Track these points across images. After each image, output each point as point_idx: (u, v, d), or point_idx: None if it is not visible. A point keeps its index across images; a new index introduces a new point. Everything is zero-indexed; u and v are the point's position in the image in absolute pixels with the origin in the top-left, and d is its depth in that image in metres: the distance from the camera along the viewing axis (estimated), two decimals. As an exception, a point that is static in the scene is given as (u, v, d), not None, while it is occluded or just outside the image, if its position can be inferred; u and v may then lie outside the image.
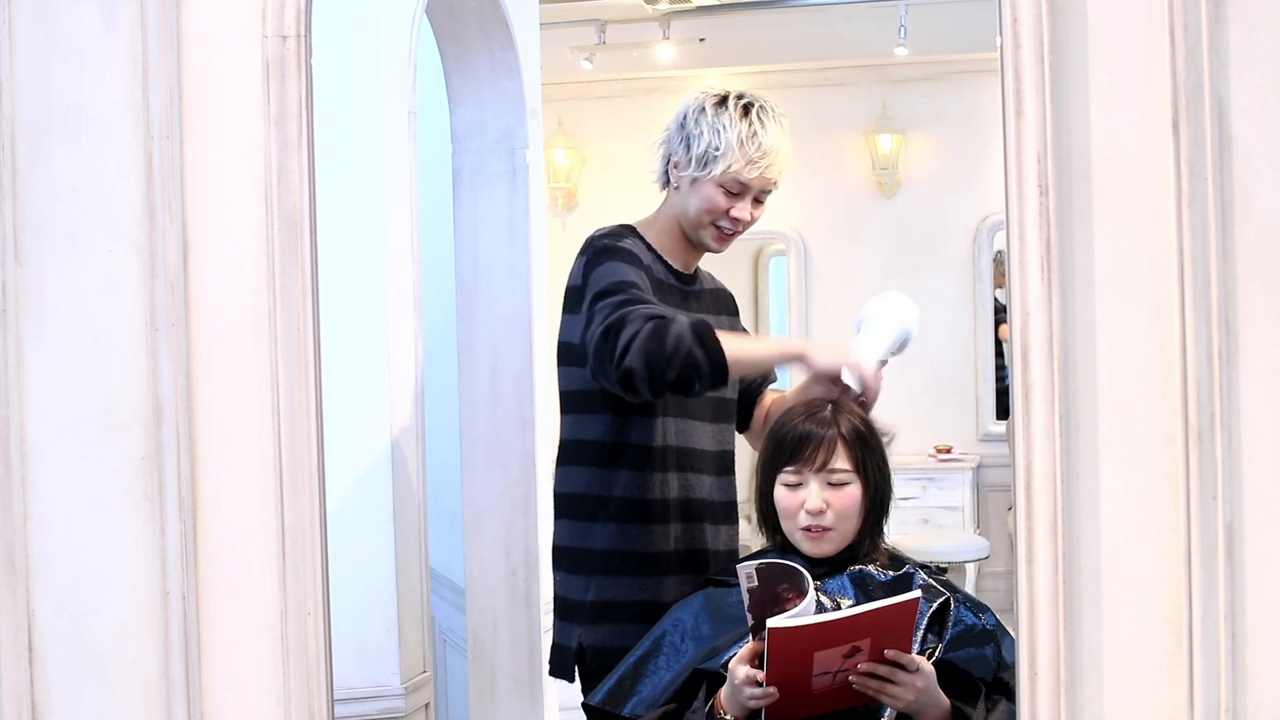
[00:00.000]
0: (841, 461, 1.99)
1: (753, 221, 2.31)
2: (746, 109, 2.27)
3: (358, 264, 2.73)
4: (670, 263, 2.34)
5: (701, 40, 6.06)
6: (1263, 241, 1.50)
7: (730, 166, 2.23)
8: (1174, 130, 1.50)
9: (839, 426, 2.01)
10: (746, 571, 1.80)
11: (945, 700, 1.86)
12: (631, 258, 2.23)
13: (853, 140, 6.80)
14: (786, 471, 2.01)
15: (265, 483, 1.69)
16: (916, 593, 1.81)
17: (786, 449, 2.01)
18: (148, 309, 1.69)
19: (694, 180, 2.27)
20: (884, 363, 2.24)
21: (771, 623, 1.74)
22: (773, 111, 2.30)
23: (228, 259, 1.70)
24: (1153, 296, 1.52)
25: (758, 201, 2.29)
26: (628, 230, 2.34)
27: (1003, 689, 1.94)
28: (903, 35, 5.74)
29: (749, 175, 2.24)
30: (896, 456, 2.09)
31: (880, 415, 2.17)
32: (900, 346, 2.26)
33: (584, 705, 2.15)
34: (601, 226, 2.36)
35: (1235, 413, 1.50)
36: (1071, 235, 1.54)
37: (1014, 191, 1.54)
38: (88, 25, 1.70)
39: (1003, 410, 6.63)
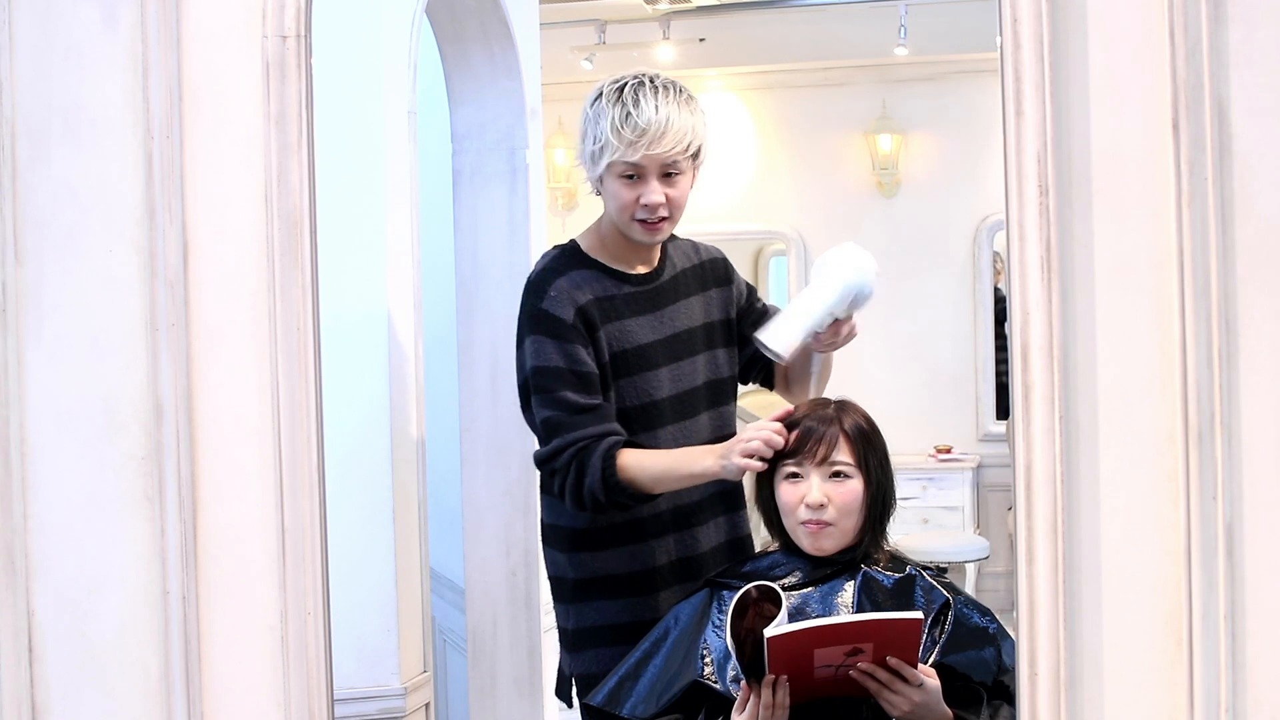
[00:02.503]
0: (843, 455, 1.99)
1: (673, 202, 2.18)
2: (619, 92, 2.15)
3: (358, 264, 2.73)
4: (622, 269, 2.27)
5: (701, 40, 6.06)
6: (1263, 241, 1.50)
7: (614, 155, 2.14)
8: (1174, 130, 1.50)
9: (841, 422, 2.01)
10: (730, 647, 1.84)
11: (947, 712, 1.86)
12: (555, 326, 2.18)
13: (853, 140, 6.80)
14: (787, 464, 2.01)
15: (265, 483, 1.69)
16: (919, 614, 1.81)
17: (788, 444, 2.02)
18: (148, 309, 1.69)
19: (600, 180, 2.20)
20: (844, 319, 2.18)
21: (768, 632, 1.75)
22: (654, 87, 2.15)
23: (228, 259, 1.70)
24: (1153, 296, 1.52)
25: (668, 179, 2.17)
26: (562, 258, 2.26)
27: (1003, 693, 1.94)
28: (903, 35, 5.73)
29: (633, 157, 2.13)
30: (897, 456, 2.09)
31: (882, 415, 2.17)
32: (851, 303, 2.17)
33: (584, 705, 2.15)
34: (540, 258, 2.30)
35: (1235, 413, 1.50)
36: (1071, 235, 1.54)
37: (1014, 191, 1.54)
38: (88, 25, 1.70)
39: (1003, 410, 6.63)
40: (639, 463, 2.14)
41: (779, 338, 2.16)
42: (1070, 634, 1.54)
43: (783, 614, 1.79)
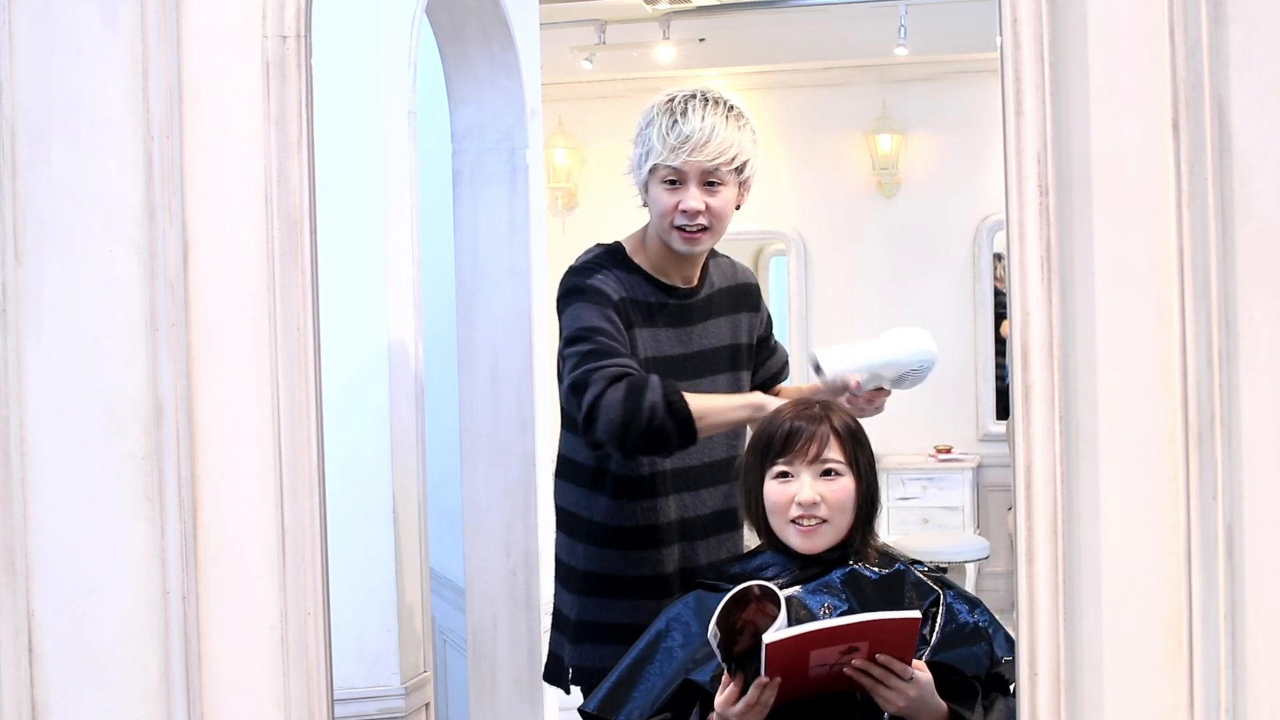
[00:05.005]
0: (834, 453, 1.99)
1: (713, 212, 2.23)
2: (671, 102, 2.24)
3: (358, 264, 2.73)
4: (663, 279, 2.31)
5: (701, 40, 6.06)
6: (1263, 241, 1.50)
7: (657, 159, 2.22)
8: (1174, 130, 1.50)
9: (830, 421, 2.01)
10: (711, 632, 1.82)
11: (942, 705, 1.86)
12: (598, 296, 2.21)
13: (853, 140, 6.80)
14: (778, 464, 2.00)
15: (265, 483, 1.69)
16: (916, 613, 1.81)
17: (777, 443, 2.01)
18: (148, 309, 1.69)
19: (645, 188, 2.27)
20: (884, 390, 2.25)
21: (767, 638, 1.74)
22: (705, 100, 2.23)
23: (228, 259, 1.70)
24: (1153, 296, 1.52)
25: (709, 187, 2.22)
26: (606, 256, 2.31)
27: (998, 684, 1.94)
28: (903, 35, 5.74)
29: (674, 162, 2.20)
30: (897, 456, 2.09)
31: (882, 415, 2.17)
32: (903, 375, 2.25)
33: (579, 710, 2.15)
34: (584, 252, 2.33)
35: (1235, 413, 1.50)
36: (1071, 235, 1.54)
37: (1014, 191, 1.54)
38: (87, 25, 1.70)
39: (1003, 410, 6.63)
40: (689, 395, 2.15)
41: (834, 363, 2.20)
42: (1070, 634, 1.54)
43: (781, 618, 1.79)
